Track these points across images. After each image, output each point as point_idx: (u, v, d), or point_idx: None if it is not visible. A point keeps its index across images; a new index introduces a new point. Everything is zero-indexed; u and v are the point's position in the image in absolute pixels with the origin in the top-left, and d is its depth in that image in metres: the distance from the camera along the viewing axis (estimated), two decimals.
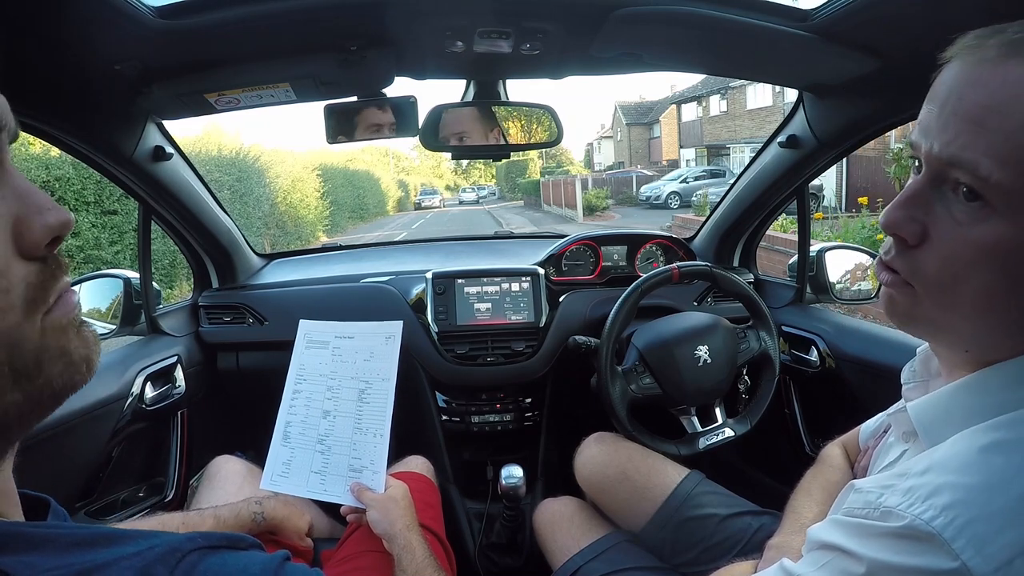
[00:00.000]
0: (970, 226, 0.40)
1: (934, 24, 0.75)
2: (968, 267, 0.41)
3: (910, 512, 0.38)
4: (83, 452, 1.09)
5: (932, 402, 0.48)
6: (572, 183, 18.62)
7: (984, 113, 0.38)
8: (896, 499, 0.40)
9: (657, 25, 0.85)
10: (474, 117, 1.11)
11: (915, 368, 0.58)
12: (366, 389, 0.93)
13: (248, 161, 10.44)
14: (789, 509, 0.74)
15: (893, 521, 0.39)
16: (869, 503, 0.42)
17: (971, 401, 0.45)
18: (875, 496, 0.42)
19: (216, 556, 0.34)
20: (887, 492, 0.41)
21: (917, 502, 0.39)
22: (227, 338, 1.48)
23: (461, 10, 0.83)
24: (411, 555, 0.79)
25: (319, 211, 14.46)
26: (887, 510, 0.40)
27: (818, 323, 1.36)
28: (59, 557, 0.30)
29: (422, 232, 15.32)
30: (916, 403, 0.49)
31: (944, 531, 0.37)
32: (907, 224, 0.43)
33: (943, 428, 0.46)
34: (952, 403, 0.47)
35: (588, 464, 1.08)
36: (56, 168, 5.93)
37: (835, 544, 0.43)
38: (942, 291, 0.43)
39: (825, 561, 0.43)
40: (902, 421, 0.53)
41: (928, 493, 0.39)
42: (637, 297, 1.16)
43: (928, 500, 0.38)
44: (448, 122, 1.10)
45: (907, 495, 0.39)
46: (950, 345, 0.48)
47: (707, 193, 11.60)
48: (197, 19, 0.78)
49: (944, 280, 0.42)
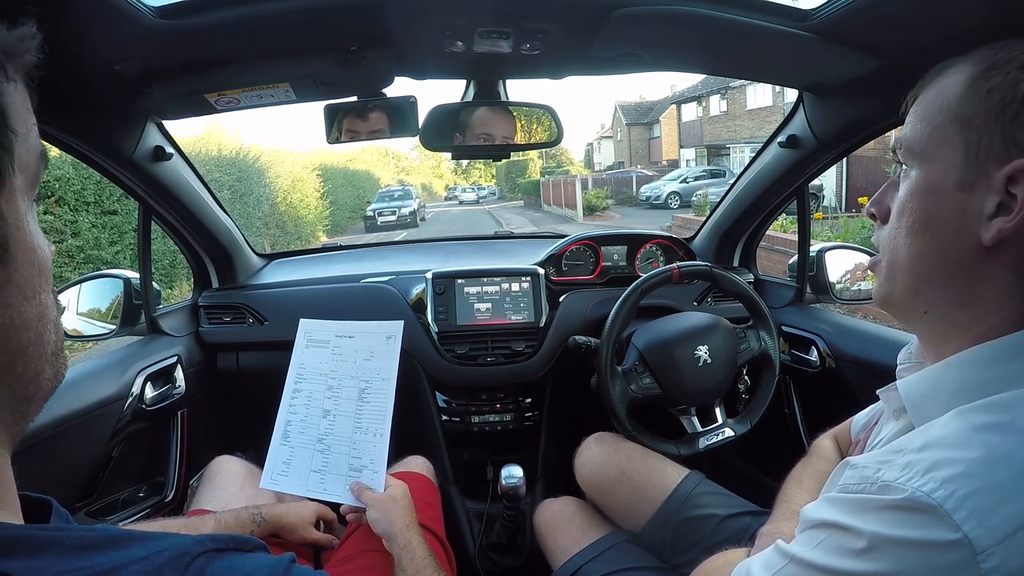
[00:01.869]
0: (901, 186, 0.51)
1: (934, 24, 0.75)
2: (899, 215, 0.50)
3: (910, 485, 0.38)
4: (83, 452, 1.09)
5: (922, 378, 0.50)
6: (572, 183, 18.62)
7: (916, 110, 0.50)
8: (894, 473, 0.40)
9: (657, 25, 0.85)
10: (474, 117, 1.11)
11: (911, 351, 0.59)
12: (366, 388, 0.93)
13: (248, 161, 10.44)
14: (780, 499, 0.74)
15: (892, 494, 0.39)
16: (866, 478, 0.42)
17: (960, 377, 0.47)
18: (872, 471, 0.42)
19: (223, 559, 0.33)
20: (884, 467, 0.41)
21: (916, 475, 0.39)
22: (227, 338, 1.48)
23: (461, 10, 0.83)
24: (411, 555, 0.79)
25: (319, 211, 14.47)
26: (885, 484, 0.40)
27: (818, 323, 1.36)
28: (65, 561, 0.29)
29: (422, 232, 15.32)
30: (905, 380, 0.51)
31: (945, 503, 0.37)
32: (876, 205, 0.54)
33: (931, 404, 0.47)
34: (942, 379, 0.48)
35: (588, 464, 1.08)
36: (56, 168, 5.92)
37: (831, 521, 0.43)
38: (894, 251, 0.51)
39: (822, 539, 0.43)
40: (892, 399, 0.55)
41: (927, 467, 0.39)
42: (637, 297, 1.16)
43: (928, 473, 0.38)
44: (448, 122, 1.10)
45: (905, 469, 0.40)
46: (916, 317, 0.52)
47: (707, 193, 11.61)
48: (197, 19, 0.78)
49: (894, 240, 0.51)
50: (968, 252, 0.46)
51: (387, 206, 18.59)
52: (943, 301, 0.49)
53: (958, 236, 0.46)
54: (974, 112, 0.45)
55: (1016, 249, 0.44)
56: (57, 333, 0.35)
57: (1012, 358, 0.45)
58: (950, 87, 0.47)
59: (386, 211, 18.25)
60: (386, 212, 18.20)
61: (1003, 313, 0.46)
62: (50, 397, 0.35)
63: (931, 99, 0.49)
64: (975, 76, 0.45)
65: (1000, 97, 0.43)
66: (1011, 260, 0.45)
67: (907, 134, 0.50)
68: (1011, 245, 0.44)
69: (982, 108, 0.44)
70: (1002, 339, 0.45)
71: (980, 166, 0.45)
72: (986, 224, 0.44)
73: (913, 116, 0.50)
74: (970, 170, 0.45)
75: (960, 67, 0.47)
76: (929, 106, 0.49)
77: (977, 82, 0.45)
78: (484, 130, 1.11)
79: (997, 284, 0.46)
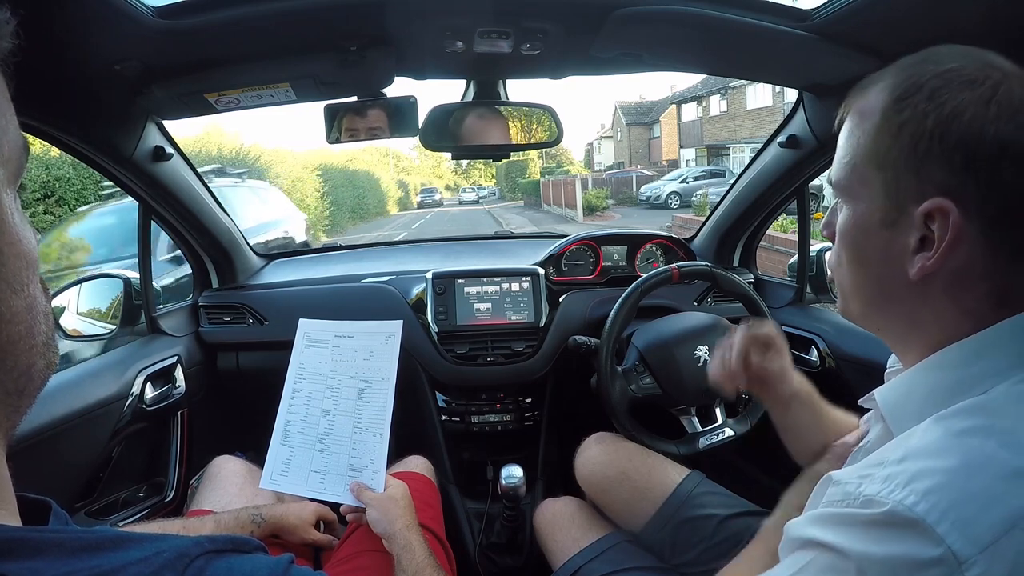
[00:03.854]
0: (839, 217, 0.53)
1: (934, 24, 0.75)
2: (839, 245, 0.53)
3: (891, 498, 0.38)
4: (83, 452, 1.09)
5: (895, 385, 0.51)
6: (572, 183, 18.62)
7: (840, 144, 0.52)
8: (876, 487, 0.40)
9: (657, 25, 0.85)
10: (474, 117, 1.11)
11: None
12: (366, 388, 0.93)
13: (248, 161, 10.45)
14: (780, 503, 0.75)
15: (875, 508, 0.39)
16: (848, 494, 0.41)
17: (930, 379, 0.47)
18: (854, 486, 0.41)
19: (222, 560, 0.33)
20: (865, 481, 0.41)
21: (897, 488, 0.38)
22: (227, 338, 1.48)
23: (461, 10, 0.83)
24: (411, 554, 0.79)
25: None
26: (867, 498, 0.40)
27: (818, 323, 1.36)
28: (64, 562, 0.29)
29: (422, 232, 15.31)
30: (881, 388, 0.52)
31: (927, 516, 0.36)
32: (827, 228, 0.56)
33: (905, 409, 0.48)
34: (913, 384, 0.49)
35: (588, 464, 1.08)
36: (56, 168, 5.93)
37: (816, 540, 0.42)
38: (841, 276, 0.54)
39: (807, 560, 0.42)
40: (874, 407, 0.55)
41: (908, 479, 0.39)
42: (637, 297, 1.16)
43: (908, 486, 0.38)
44: (448, 122, 1.10)
45: (886, 482, 0.39)
46: (874, 332, 0.54)
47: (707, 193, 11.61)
48: (197, 19, 0.78)
49: (839, 268, 0.54)
50: (900, 283, 0.47)
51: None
52: (893, 322, 0.51)
53: (888, 270, 0.47)
54: (887, 150, 0.46)
55: (945, 278, 0.45)
56: (47, 323, 0.35)
57: (977, 358, 0.45)
58: (866, 120, 0.48)
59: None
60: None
61: (953, 330, 0.46)
62: (42, 388, 0.35)
63: (850, 131, 0.50)
64: (887, 108, 0.46)
65: (910, 134, 0.44)
66: (942, 287, 0.45)
67: (834, 171, 0.52)
68: (938, 276, 0.45)
69: (895, 146, 0.45)
70: (965, 340, 0.46)
71: (900, 204, 0.45)
72: (911, 260, 0.45)
73: (839, 150, 0.51)
74: (892, 208, 0.46)
75: (877, 88, 0.48)
76: (850, 143, 0.50)
77: (888, 116, 0.46)
78: (484, 130, 1.11)
79: (936, 308, 0.47)
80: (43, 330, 0.34)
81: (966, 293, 0.45)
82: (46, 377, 0.35)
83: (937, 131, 0.43)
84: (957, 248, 0.43)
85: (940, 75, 0.44)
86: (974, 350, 0.45)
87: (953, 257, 0.44)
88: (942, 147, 0.43)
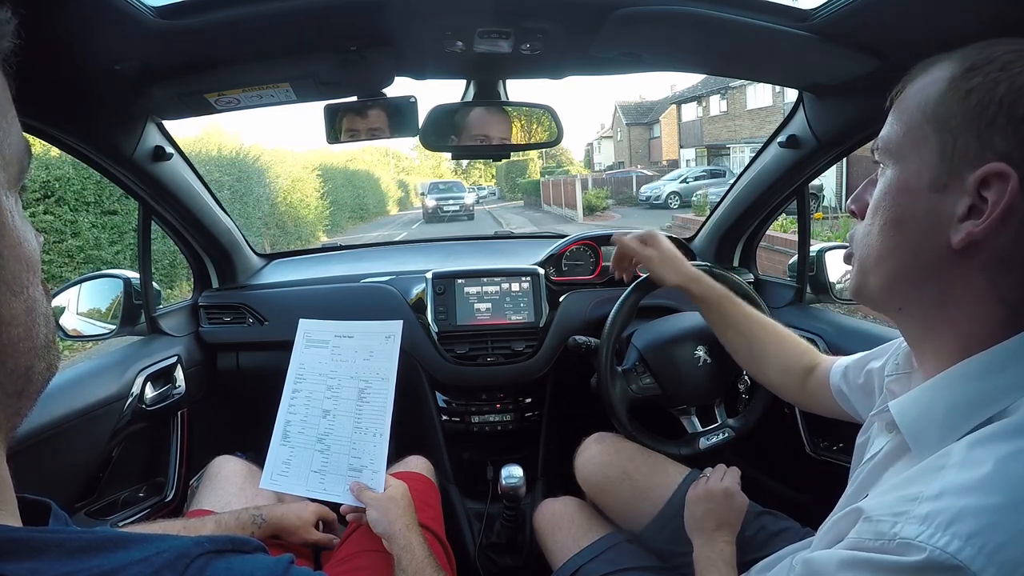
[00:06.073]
0: (878, 184, 0.51)
1: (934, 24, 0.75)
2: (874, 213, 0.50)
3: (931, 543, 0.35)
4: (83, 452, 1.09)
5: (914, 397, 0.48)
6: (572, 183, 18.62)
7: (896, 109, 0.51)
8: (914, 528, 0.36)
9: (657, 25, 0.85)
10: (474, 117, 1.11)
11: (898, 361, 0.59)
12: (366, 388, 0.93)
13: (248, 161, 10.44)
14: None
15: (914, 555, 0.36)
16: (882, 534, 0.38)
17: (950, 393, 0.45)
18: (888, 526, 0.38)
19: (222, 561, 0.33)
20: (901, 520, 0.38)
21: (938, 531, 0.35)
22: (227, 338, 1.48)
23: (461, 10, 0.83)
24: (411, 554, 0.79)
25: (319, 211, 14.46)
26: (904, 542, 0.36)
27: (818, 323, 1.36)
28: (64, 563, 0.29)
29: (422, 232, 15.32)
30: (898, 402, 0.50)
31: (973, 562, 0.34)
32: (856, 201, 0.54)
33: (926, 426, 0.46)
34: (933, 397, 0.46)
35: (588, 464, 1.08)
36: (56, 168, 5.93)
37: None
38: (868, 247, 0.51)
39: None
40: (885, 418, 0.53)
41: (949, 520, 0.36)
42: (637, 297, 1.16)
43: (951, 528, 0.35)
44: (448, 122, 1.10)
45: (925, 523, 0.36)
46: (892, 313, 0.52)
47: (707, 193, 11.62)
48: (197, 19, 0.78)
49: (867, 237, 0.51)
50: (938, 254, 0.45)
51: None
52: (918, 300, 0.49)
53: (928, 237, 0.46)
54: (951, 113, 0.44)
55: (987, 253, 0.43)
56: (48, 325, 0.35)
57: (1003, 368, 0.43)
58: (930, 86, 0.47)
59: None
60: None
61: (983, 319, 0.45)
62: (43, 390, 0.35)
63: (910, 98, 0.48)
64: (955, 76, 0.45)
65: (978, 99, 0.43)
66: (983, 264, 0.44)
67: (885, 133, 0.50)
68: (982, 250, 0.43)
69: (959, 109, 0.44)
70: (989, 350, 0.44)
71: (954, 168, 0.44)
72: (956, 227, 0.44)
73: (892, 115, 0.50)
74: (944, 171, 0.45)
75: (943, 65, 0.47)
76: (908, 105, 0.48)
77: (957, 82, 0.44)
78: (484, 130, 1.11)
79: (971, 288, 0.45)
80: (43, 333, 0.34)
81: (1005, 277, 0.43)
82: (46, 379, 0.35)
83: (1008, 99, 0.41)
84: (1007, 220, 0.42)
85: (1016, 51, 0.43)
86: (999, 359, 0.44)
87: (1002, 231, 0.42)
88: (1010, 116, 0.41)
